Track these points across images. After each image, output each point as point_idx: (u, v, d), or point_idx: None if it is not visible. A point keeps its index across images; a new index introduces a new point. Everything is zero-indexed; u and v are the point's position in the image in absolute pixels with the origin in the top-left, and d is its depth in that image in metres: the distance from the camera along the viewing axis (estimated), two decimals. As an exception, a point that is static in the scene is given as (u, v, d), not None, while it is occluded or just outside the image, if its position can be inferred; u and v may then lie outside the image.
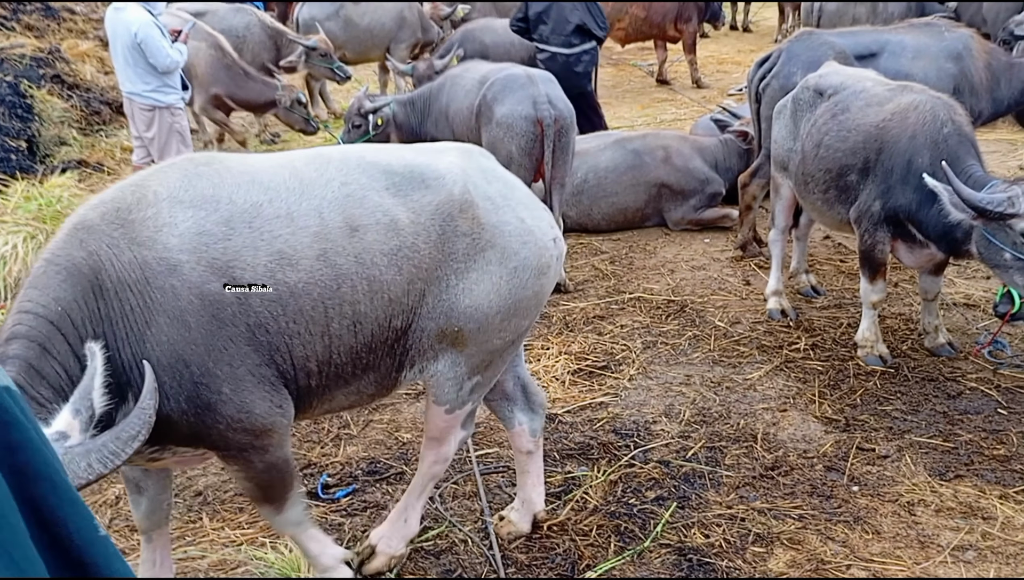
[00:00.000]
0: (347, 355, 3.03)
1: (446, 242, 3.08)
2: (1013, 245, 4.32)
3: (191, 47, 8.87)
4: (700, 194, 7.57)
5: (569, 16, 8.04)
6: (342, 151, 3.25)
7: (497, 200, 3.20)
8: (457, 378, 3.31)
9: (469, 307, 3.14)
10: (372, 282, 2.97)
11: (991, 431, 4.66)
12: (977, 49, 6.52)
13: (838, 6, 10.60)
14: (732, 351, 5.61)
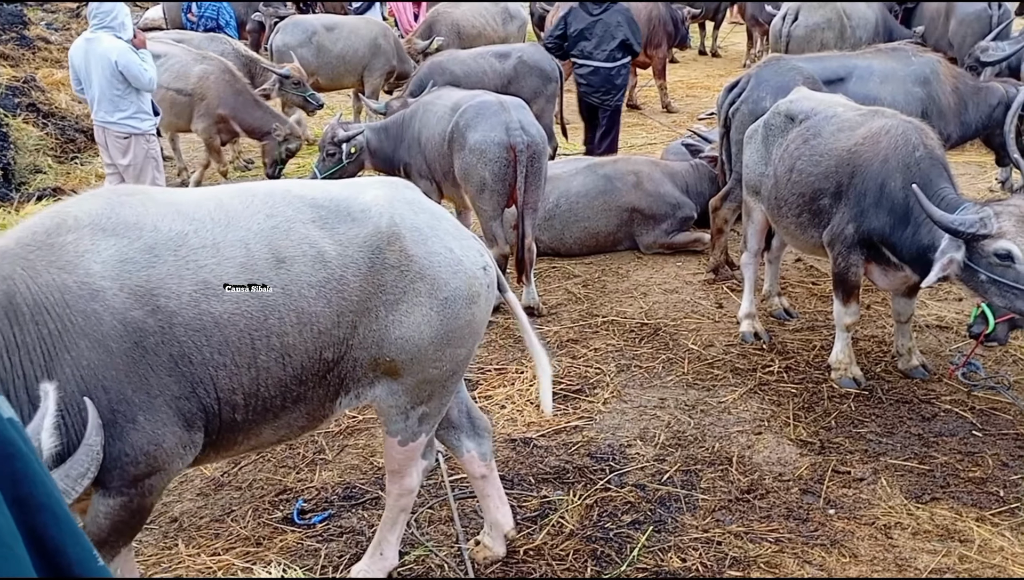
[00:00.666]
0: (276, 388, 2.99)
1: (375, 274, 3.08)
2: (988, 266, 4.34)
3: (198, 73, 8.98)
4: (671, 218, 7.58)
5: (615, 33, 8.68)
6: (268, 185, 3.28)
7: (425, 231, 3.20)
8: (400, 407, 3.32)
9: (400, 338, 3.14)
10: (300, 314, 2.95)
11: (966, 453, 4.66)
12: (944, 73, 6.61)
13: (806, 31, 10.72)
14: (706, 374, 5.59)
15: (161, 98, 8.89)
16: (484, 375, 5.60)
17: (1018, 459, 4.60)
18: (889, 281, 5.23)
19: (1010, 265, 4.27)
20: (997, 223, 4.29)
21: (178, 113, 9.09)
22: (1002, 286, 4.31)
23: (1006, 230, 4.28)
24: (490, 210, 6.28)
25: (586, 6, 8.86)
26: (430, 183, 6.76)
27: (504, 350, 5.94)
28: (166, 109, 8.99)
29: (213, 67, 9.16)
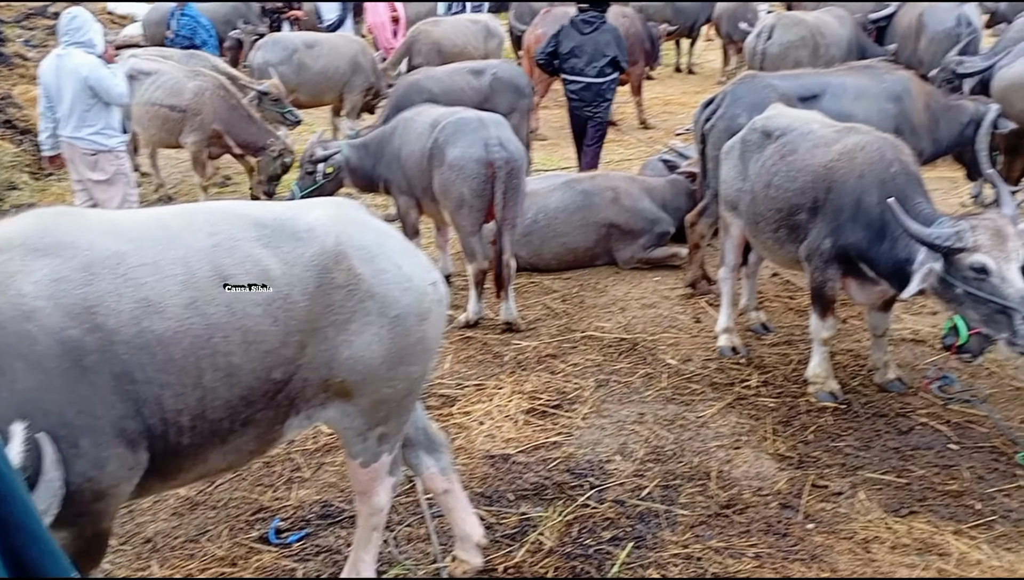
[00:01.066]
0: (223, 409, 2.92)
1: (323, 294, 3.04)
2: (964, 279, 4.38)
3: (193, 89, 8.97)
4: (649, 233, 7.61)
5: (605, 50, 9.03)
6: (210, 205, 3.26)
7: (372, 249, 3.17)
8: (356, 429, 3.29)
9: (350, 358, 3.10)
10: (246, 333, 2.89)
11: (943, 466, 4.69)
12: (916, 91, 6.70)
13: (781, 49, 10.84)
14: (684, 389, 5.60)
15: (154, 115, 8.98)
16: (463, 391, 5.57)
17: (994, 472, 4.63)
18: (866, 295, 5.27)
19: (985, 278, 4.31)
20: (972, 237, 4.33)
21: (170, 129, 9.07)
22: (977, 299, 4.35)
23: (981, 244, 4.32)
24: (469, 226, 6.28)
25: (577, 25, 9.15)
26: (410, 199, 6.76)
27: (483, 365, 5.93)
28: (158, 126, 9.04)
29: (208, 83, 9.16)
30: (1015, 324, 4.22)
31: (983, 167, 6.50)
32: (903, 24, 11.70)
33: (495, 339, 6.30)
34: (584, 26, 9.12)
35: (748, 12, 14.65)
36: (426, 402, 5.41)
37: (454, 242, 7.04)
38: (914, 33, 11.29)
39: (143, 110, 8.97)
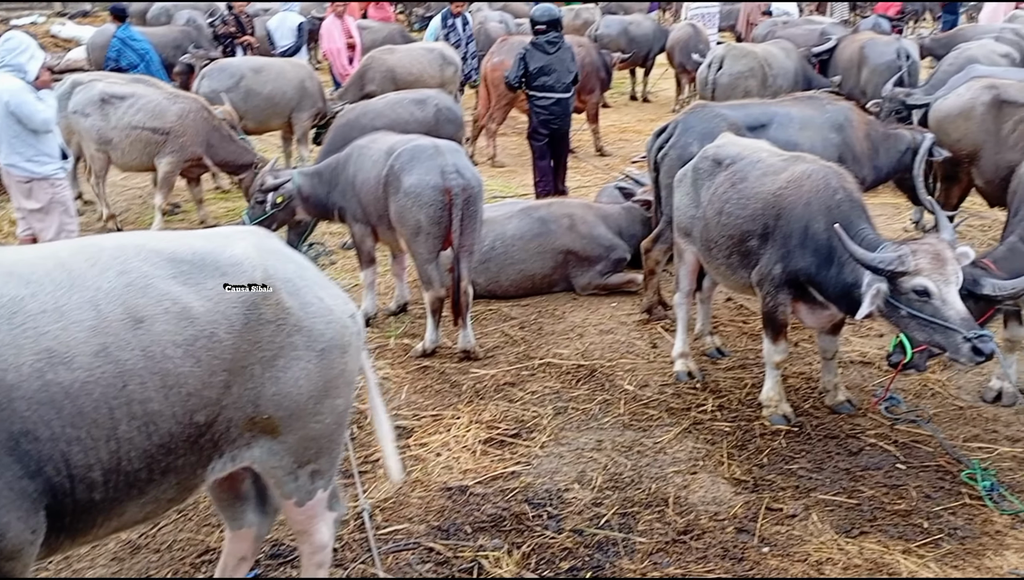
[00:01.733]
0: (140, 459, 2.74)
1: (250, 330, 2.92)
2: (907, 302, 4.52)
3: (177, 111, 8.99)
4: (606, 260, 7.70)
5: (569, 68, 9.98)
6: (117, 239, 3.04)
7: (296, 282, 3.11)
8: (286, 468, 3.19)
9: (277, 394, 3.01)
10: (165, 377, 2.73)
11: (891, 486, 4.80)
12: (857, 120, 6.92)
13: (730, 79, 11.11)
14: (642, 414, 5.66)
15: (135, 139, 8.95)
16: (419, 422, 5.58)
17: (939, 491, 4.75)
18: (816, 319, 5.40)
19: (927, 300, 4.46)
20: (914, 261, 4.47)
21: (151, 153, 9.07)
22: (921, 320, 4.50)
23: (922, 267, 4.47)
24: (425, 253, 6.31)
25: (541, 47, 9.92)
26: (365, 227, 6.77)
27: (440, 395, 5.94)
28: (139, 149, 9.01)
29: (190, 104, 9.20)
30: (957, 344, 4.37)
31: (920, 193, 6.70)
32: (845, 56, 12.08)
33: (453, 368, 6.32)
34: (549, 47, 9.91)
35: (700, 43, 14.96)
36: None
37: (411, 270, 7.06)
38: (856, 65, 11.65)
39: (122, 134, 8.95)
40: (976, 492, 4.71)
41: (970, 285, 4.79)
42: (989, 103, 7.15)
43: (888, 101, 9.07)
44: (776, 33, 14.71)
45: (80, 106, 9.00)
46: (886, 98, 9.13)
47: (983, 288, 4.83)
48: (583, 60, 12.51)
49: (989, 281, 4.82)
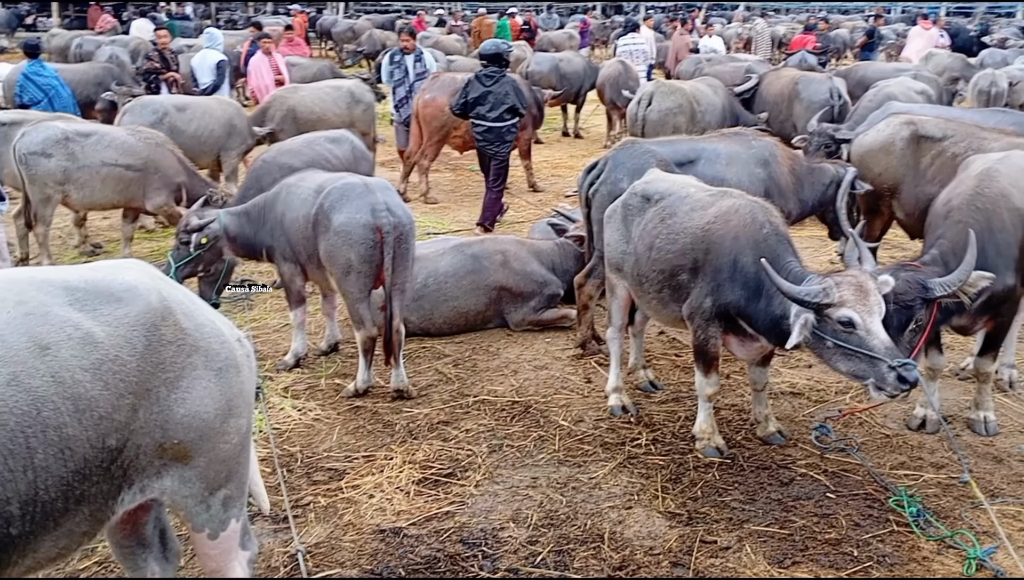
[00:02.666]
0: (57, 488, 2.73)
1: (152, 353, 2.96)
2: (833, 333, 4.60)
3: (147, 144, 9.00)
4: (539, 296, 7.71)
5: (504, 99, 10.63)
6: (6, 273, 3.05)
7: (188, 305, 3.19)
8: (197, 496, 3.20)
9: (186, 416, 3.04)
10: (78, 400, 2.74)
11: (822, 515, 4.86)
12: (782, 156, 7.09)
13: (660, 115, 11.34)
14: (577, 450, 5.65)
15: (108, 175, 8.84)
16: (351, 463, 5.47)
17: (868, 519, 4.82)
18: (746, 351, 5.47)
19: (852, 331, 4.54)
20: (838, 292, 4.57)
21: (121, 190, 9.01)
22: (846, 351, 4.58)
23: (846, 299, 4.56)
24: (356, 292, 6.23)
25: (480, 79, 10.73)
26: (294, 266, 6.67)
27: (373, 435, 5.84)
28: (110, 186, 8.91)
29: (155, 138, 9.21)
30: (882, 372, 4.46)
31: (844, 226, 6.87)
32: (774, 91, 12.42)
33: (386, 407, 6.23)
34: (486, 79, 10.72)
35: (629, 79, 15.25)
36: (312, 477, 5.29)
37: (342, 309, 6.96)
38: (787, 99, 12.00)
39: (94, 172, 8.84)
40: (903, 519, 4.79)
41: (921, 293, 4.90)
42: (908, 138, 7.39)
43: (816, 136, 9.33)
44: (703, 70, 15.10)
45: (38, 147, 8.77)
46: (813, 133, 9.41)
47: (934, 290, 4.90)
48: (515, 97, 12.68)
49: (935, 282, 4.90)
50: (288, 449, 5.65)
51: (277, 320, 7.96)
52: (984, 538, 4.61)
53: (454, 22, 33.46)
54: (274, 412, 6.15)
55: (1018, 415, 6.07)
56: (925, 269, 5.10)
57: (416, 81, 12.75)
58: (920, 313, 4.98)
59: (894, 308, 4.86)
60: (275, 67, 13.98)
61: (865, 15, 33.35)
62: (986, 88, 14.71)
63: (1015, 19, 37.82)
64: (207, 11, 41.98)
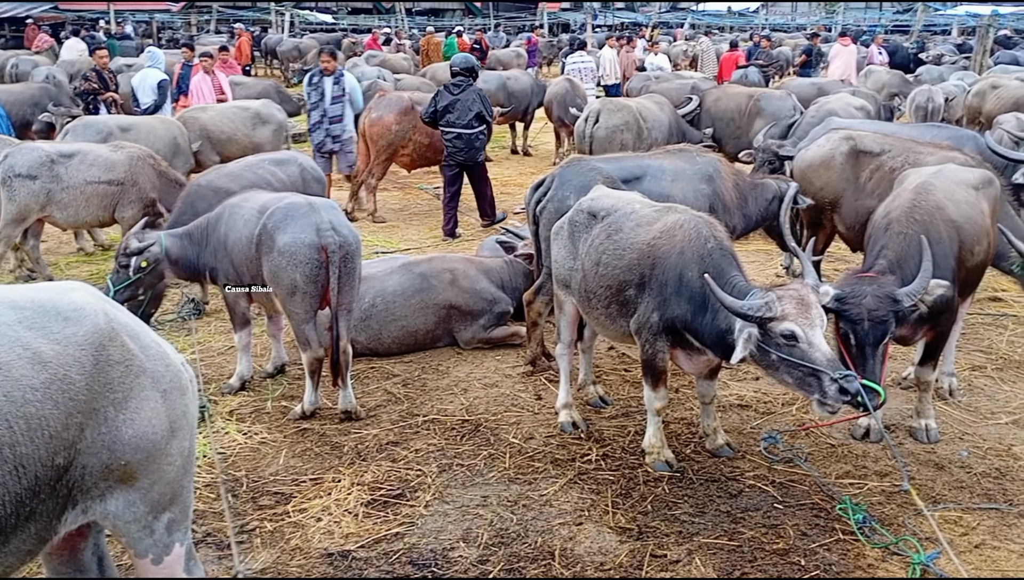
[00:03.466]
0: (11, 504, 2.77)
1: (100, 372, 2.99)
2: (776, 346, 4.65)
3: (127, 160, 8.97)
4: (488, 314, 7.70)
5: (471, 107, 11.19)
6: None
7: (133, 326, 3.22)
8: (142, 521, 3.20)
9: (134, 437, 3.06)
10: (30, 419, 2.77)
11: (770, 526, 4.90)
12: (725, 172, 7.20)
13: (607, 132, 11.44)
14: (527, 467, 5.63)
15: (92, 193, 8.86)
16: (298, 487, 5.38)
17: (815, 528, 4.88)
18: (693, 365, 5.51)
19: (795, 344, 4.59)
20: (780, 306, 4.62)
21: (106, 206, 9.02)
22: (790, 363, 4.63)
23: (788, 313, 4.62)
24: (302, 313, 6.16)
25: (449, 88, 11.37)
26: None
27: (320, 458, 5.76)
28: (95, 204, 8.92)
29: (137, 152, 9.20)
30: (824, 385, 4.52)
31: (787, 240, 6.99)
32: (725, 107, 12.66)
33: (333, 429, 6.15)
34: (454, 89, 11.31)
35: (576, 97, 15.38)
36: (258, 501, 5.20)
37: (288, 331, 6.87)
38: (745, 114, 12.22)
39: (79, 191, 8.86)
40: (849, 527, 4.85)
41: (892, 306, 4.93)
42: (847, 153, 7.55)
43: (761, 152, 9.50)
44: (649, 88, 15.30)
45: (24, 169, 8.71)
46: (758, 149, 9.56)
47: (903, 302, 4.95)
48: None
49: (902, 293, 4.94)
50: (233, 473, 5.55)
51: (221, 342, 7.83)
52: (927, 544, 4.68)
53: (399, 40, 33.46)
54: (219, 436, 6.04)
55: (958, 422, 6.20)
56: (883, 279, 5.15)
57: (332, 104, 12.16)
58: (894, 326, 5.04)
59: (869, 325, 4.94)
60: (218, 87, 13.82)
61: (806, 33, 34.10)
62: (923, 104, 15.13)
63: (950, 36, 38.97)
64: (148, 30, 41.47)
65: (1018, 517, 4.99)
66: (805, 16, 60.39)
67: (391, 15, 48.06)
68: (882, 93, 16.79)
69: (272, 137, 12.16)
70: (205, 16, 44.52)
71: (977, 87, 15.21)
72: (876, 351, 5.00)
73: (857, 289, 5.04)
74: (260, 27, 43.08)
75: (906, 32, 42.28)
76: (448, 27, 36.58)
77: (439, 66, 21.02)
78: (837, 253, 9.44)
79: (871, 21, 50.85)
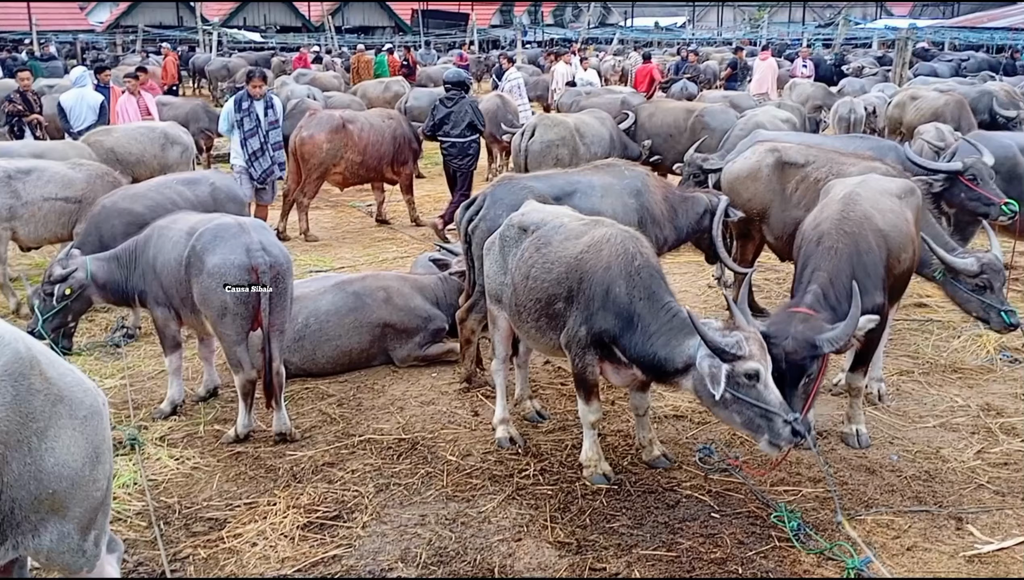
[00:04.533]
0: None
1: (21, 402, 2.98)
2: (735, 385, 4.68)
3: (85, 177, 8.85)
4: (424, 331, 7.65)
5: (464, 118, 12.23)
6: None
7: (49, 355, 3.23)
8: (74, 548, 3.25)
9: (56, 466, 3.07)
10: None
11: (707, 535, 4.94)
12: (653, 185, 7.29)
13: (542, 147, 11.48)
14: (465, 485, 5.59)
15: (50, 210, 8.67)
16: (233, 512, 5.26)
17: (751, 536, 4.93)
18: (621, 378, 5.53)
19: (754, 384, 4.67)
20: (747, 346, 4.70)
21: (65, 223, 8.83)
22: (745, 402, 4.68)
23: (753, 353, 4.70)
24: (234, 335, 6.03)
25: (444, 101, 12.48)
26: (168, 311, 6.42)
27: (255, 482, 5.64)
28: (53, 221, 8.71)
29: (95, 169, 9.11)
30: (777, 426, 4.61)
31: (720, 252, 7.10)
32: (662, 122, 12.87)
33: (268, 452, 6.03)
34: (448, 101, 12.40)
35: (508, 113, 15.44)
36: (191, 528, 5.07)
37: (220, 353, 6.73)
38: (689, 131, 12.41)
39: (36, 208, 8.67)
40: (785, 534, 4.92)
41: (811, 352, 5.02)
42: (773, 165, 7.71)
43: (687, 166, 9.65)
44: (580, 103, 15.45)
45: None
46: (687, 163, 9.72)
47: (822, 349, 5.03)
48: (394, 132, 12.68)
49: (823, 339, 5.02)
50: (165, 500, 5.40)
51: (152, 367, 7.63)
52: (861, 548, 4.77)
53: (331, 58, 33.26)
54: (150, 463, 5.87)
55: (888, 427, 6.35)
56: (814, 319, 5.22)
57: (271, 130, 11.37)
58: (812, 368, 5.13)
59: (786, 366, 5.02)
60: (144, 108, 13.54)
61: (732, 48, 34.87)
62: (846, 115, 15.58)
63: (871, 49, 40.23)
64: (72, 51, 40.48)
65: (947, 519, 5.12)
66: (731, 31, 61.81)
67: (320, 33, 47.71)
68: (807, 105, 17.23)
69: (180, 158, 11.71)
70: (131, 36, 43.63)
71: (897, 98, 15.69)
72: (795, 390, 5.09)
73: (783, 329, 5.13)
74: (188, 46, 42.42)
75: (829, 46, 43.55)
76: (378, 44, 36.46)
77: (370, 84, 20.97)
78: (767, 263, 9.64)
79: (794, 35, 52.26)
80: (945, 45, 41.49)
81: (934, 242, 6.43)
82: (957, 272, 6.43)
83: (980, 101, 15.02)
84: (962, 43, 42.78)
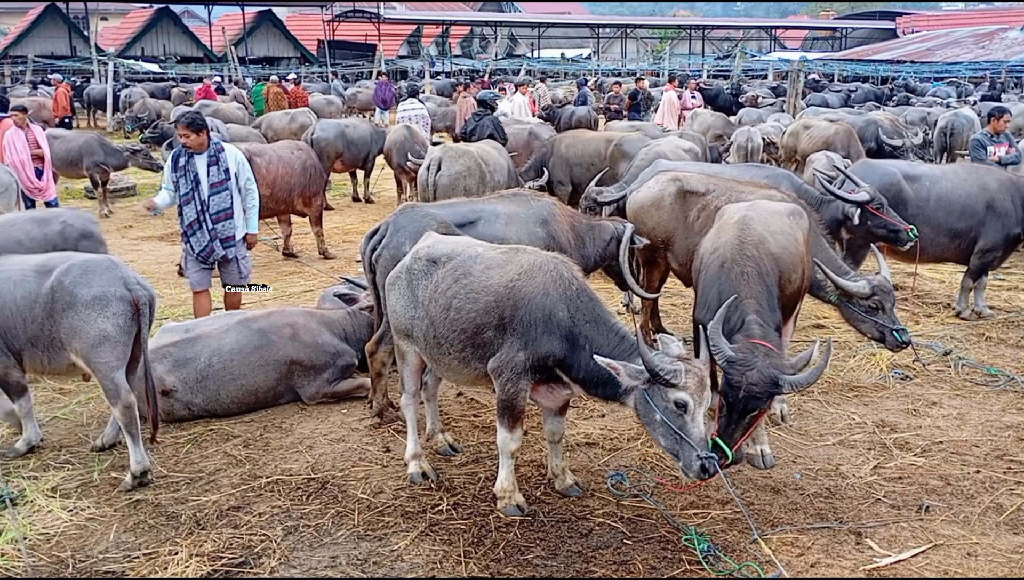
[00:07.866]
0: None
1: None
2: (664, 409, 4.85)
3: None
4: (332, 367, 7.52)
5: (485, 130, 14.12)
6: None
7: None
8: None
9: None
10: None
11: (620, 562, 4.96)
12: (560, 214, 7.37)
13: (450, 180, 11.44)
14: (377, 523, 5.49)
15: None
16: (131, 564, 5.03)
17: (663, 560, 4.98)
18: (554, 399, 5.57)
19: (682, 414, 4.83)
20: (684, 377, 4.84)
21: None
22: (669, 429, 4.84)
23: (689, 385, 4.84)
24: (113, 361, 5.98)
25: (475, 115, 14.72)
26: (6, 357, 6.16)
27: (155, 530, 5.41)
28: None
29: None
30: (690, 459, 4.78)
31: (627, 279, 7.20)
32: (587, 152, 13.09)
33: (169, 498, 5.81)
34: (476, 117, 14.65)
35: (416, 144, 15.42)
36: (85, 584, 4.83)
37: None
38: (609, 160, 12.61)
39: None
40: (695, 556, 4.98)
41: (770, 387, 5.22)
42: (675, 193, 7.88)
43: (584, 199, 9.80)
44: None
45: None
46: (583, 196, 9.86)
47: (782, 388, 5.26)
48: (304, 164, 12.51)
49: (787, 380, 5.23)
50: (58, 555, 5.14)
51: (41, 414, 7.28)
52: (768, 567, 4.86)
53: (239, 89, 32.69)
54: (41, 515, 5.58)
55: (791, 446, 6.51)
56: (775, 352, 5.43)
57: (213, 194, 8.45)
58: (764, 403, 5.33)
59: (744, 395, 5.21)
60: (34, 141, 13.03)
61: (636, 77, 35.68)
62: (743, 144, 16.06)
63: (767, 80, 41.75)
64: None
65: (848, 534, 5.27)
66: (634, 62, 63.38)
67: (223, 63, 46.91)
68: (707, 135, 17.72)
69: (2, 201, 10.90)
70: (20, 67, 42.04)
71: (791, 127, 16.29)
72: (743, 419, 5.31)
73: (749, 358, 5.29)
74: (82, 77, 41.13)
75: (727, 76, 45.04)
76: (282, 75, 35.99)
77: (275, 115, 20.60)
78: (673, 288, 9.82)
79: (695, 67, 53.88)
80: (835, 76, 43.40)
81: (828, 267, 6.67)
82: (851, 295, 6.69)
83: (867, 130, 15.70)
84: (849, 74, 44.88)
